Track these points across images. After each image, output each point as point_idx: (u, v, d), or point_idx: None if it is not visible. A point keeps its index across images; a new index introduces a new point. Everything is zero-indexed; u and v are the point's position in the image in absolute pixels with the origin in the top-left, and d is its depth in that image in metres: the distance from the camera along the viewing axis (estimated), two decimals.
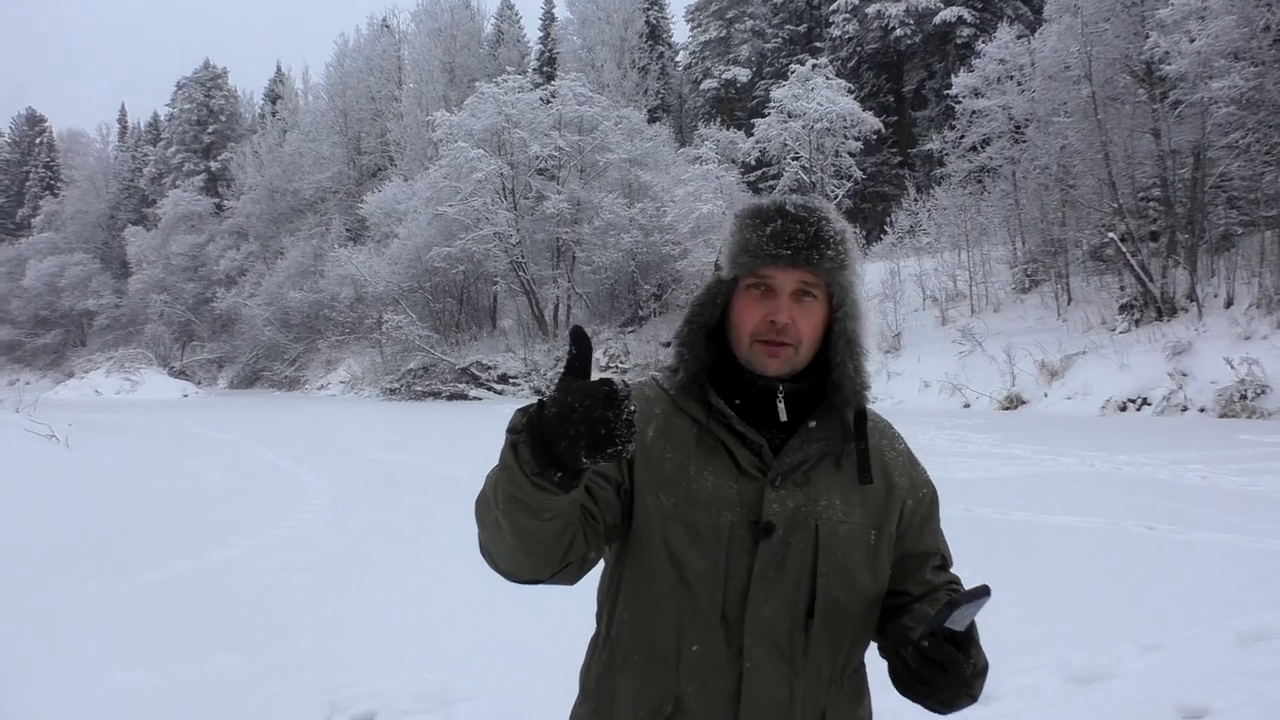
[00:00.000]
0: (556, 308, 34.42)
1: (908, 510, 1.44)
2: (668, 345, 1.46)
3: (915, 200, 27.85)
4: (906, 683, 1.30)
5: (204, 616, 5.30)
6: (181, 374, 49.19)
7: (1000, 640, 4.49)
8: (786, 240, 1.34)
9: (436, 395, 31.71)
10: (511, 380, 31.16)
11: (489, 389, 31.41)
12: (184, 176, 60.24)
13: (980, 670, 1.31)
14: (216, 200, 56.77)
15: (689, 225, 27.10)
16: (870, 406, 1.46)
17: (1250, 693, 3.78)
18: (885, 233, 29.27)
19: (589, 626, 1.49)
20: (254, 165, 52.07)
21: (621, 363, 29.78)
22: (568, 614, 2.24)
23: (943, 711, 1.32)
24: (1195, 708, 3.67)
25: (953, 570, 1.52)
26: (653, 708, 1.34)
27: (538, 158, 31.77)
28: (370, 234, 39.41)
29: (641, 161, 31.11)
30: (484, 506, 1.27)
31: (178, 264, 54.08)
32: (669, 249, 28.77)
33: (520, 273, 32.36)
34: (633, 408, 1.07)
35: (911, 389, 21.39)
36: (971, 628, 1.29)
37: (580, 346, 1.11)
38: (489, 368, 31.98)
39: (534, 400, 1.15)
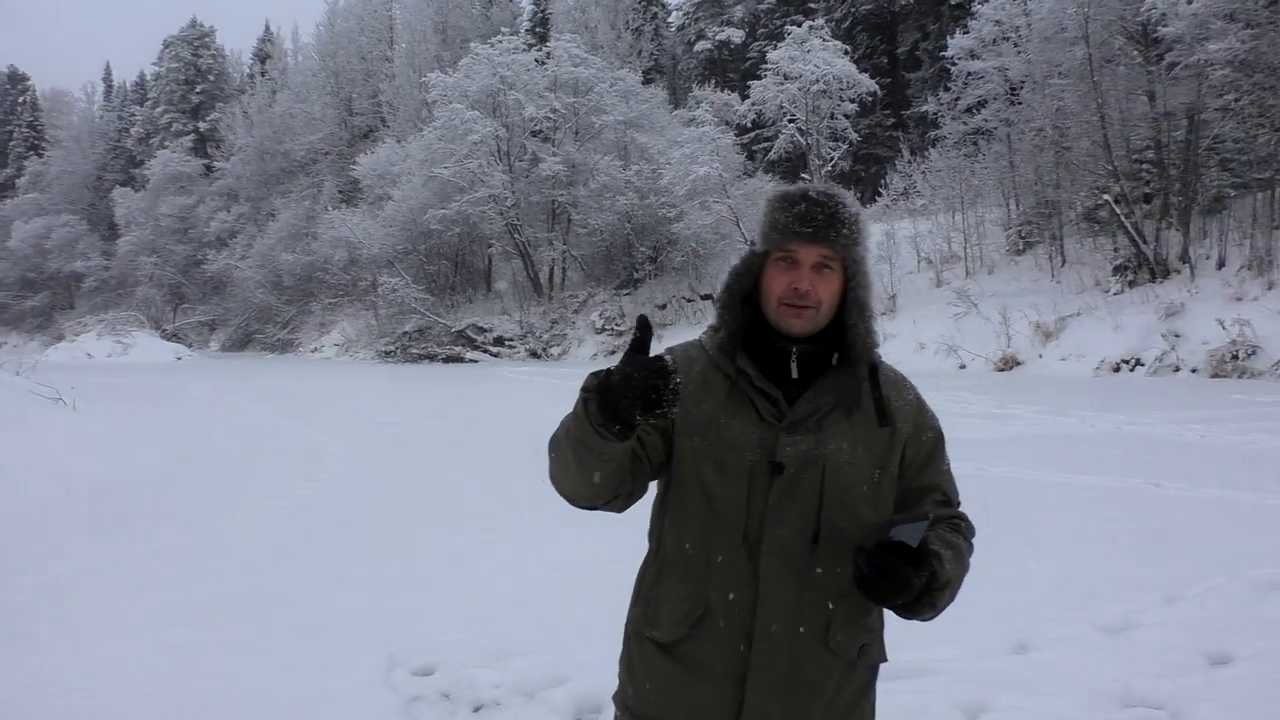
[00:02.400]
0: (552, 270, 34.33)
1: (910, 450, 1.66)
2: (708, 299, 1.71)
3: (909, 162, 27.81)
4: (860, 585, 1.49)
5: (249, 575, 5.37)
6: (174, 336, 48.78)
7: (1029, 593, 4.67)
8: (809, 220, 1.58)
9: (432, 358, 31.69)
10: (507, 343, 31.19)
11: (485, 351, 31.38)
12: (172, 137, 59.34)
13: (942, 584, 1.52)
14: (206, 161, 56.04)
15: (685, 187, 27.04)
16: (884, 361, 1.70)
17: (1272, 640, 3.96)
18: (879, 195, 29.25)
19: (633, 578, 1.74)
20: (244, 126, 51.42)
21: (617, 325, 29.83)
22: (616, 569, 2.33)
23: (905, 617, 1.54)
24: (1221, 654, 3.85)
25: (960, 509, 1.72)
26: (687, 610, 1.60)
27: (533, 120, 31.56)
28: (363, 196, 39.15)
29: (637, 124, 30.92)
30: (557, 446, 1.55)
31: (167, 225, 53.51)
32: (665, 211, 28.72)
33: (516, 235, 32.28)
34: (679, 379, 1.34)
35: (907, 350, 21.51)
36: (925, 545, 1.48)
37: (643, 330, 1.39)
38: (485, 330, 31.99)
39: (596, 370, 1.42)
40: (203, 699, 3.62)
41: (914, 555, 1.46)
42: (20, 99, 76.46)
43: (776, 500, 1.57)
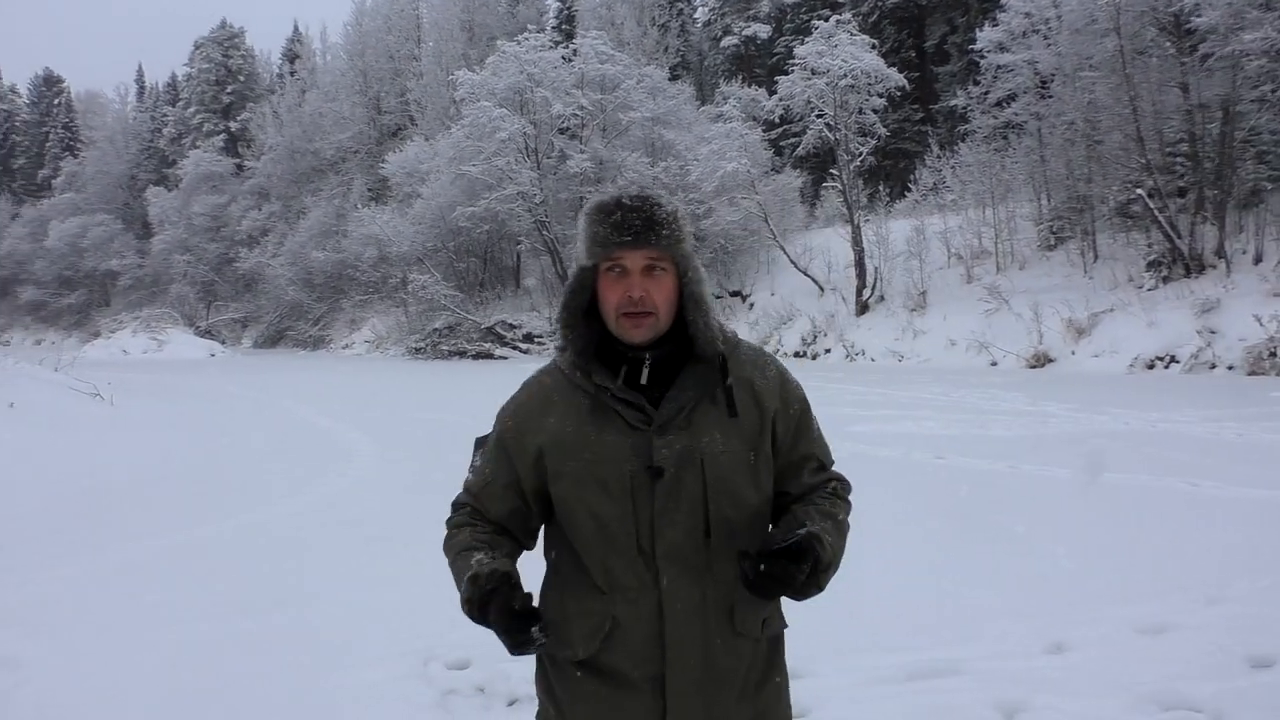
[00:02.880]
0: None
1: (780, 427, 1.69)
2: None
3: (939, 157, 27.55)
4: (749, 588, 1.53)
5: (282, 570, 5.42)
6: (207, 333, 49.35)
7: (1064, 592, 4.62)
8: (627, 226, 1.59)
9: (462, 354, 31.84)
10: (537, 340, 31.25)
11: (514, 348, 31.50)
12: (204, 137, 60.00)
13: (825, 565, 1.55)
14: (237, 161, 56.65)
15: (713, 184, 26.94)
16: (745, 339, 1.75)
17: None
18: (909, 190, 29.03)
19: None
20: (274, 125, 51.85)
21: None
22: None
23: (796, 599, 1.57)
24: (1263, 656, 3.76)
25: (833, 470, 1.77)
26: (596, 624, 1.62)
27: (560, 117, 31.54)
28: (392, 194, 39.33)
29: (664, 120, 30.83)
30: (447, 556, 1.69)
31: (200, 224, 54.11)
32: (693, 208, 28.61)
33: (544, 232, 32.30)
34: (541, 634, 1.53)
35: (938, 347, 21.40)
36: (807, 539, 1.51)
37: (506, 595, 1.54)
38: (514, 327, 32.07)
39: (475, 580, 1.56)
40: (246, 689, 3.67)
41: (796, 550, 1.50)
42: (56, 100, 77.71)
43: (662, 505, 1.59)
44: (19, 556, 5.80)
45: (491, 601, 1.51)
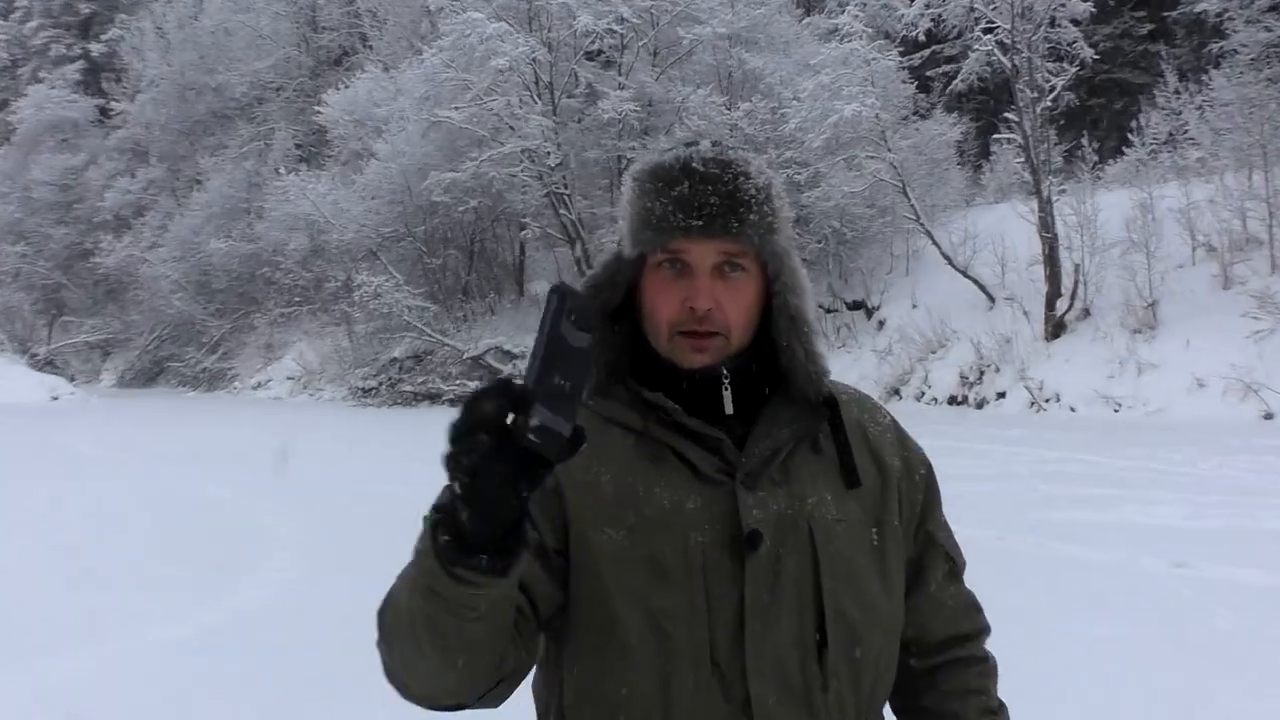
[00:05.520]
0: None
1: (905, 497, 1.74)
2: None
3: (1176, 93, 27.26)
4: None
5: None
6: (48, 364, 49.99)
7: None
8: (698, 205, 1.59)
9: (435, 398, 31.71)
10: None
11: None
12: (51, 65, 61.08)
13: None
14: (100, 102, 57.78)
15: (823, 136, 26.79)
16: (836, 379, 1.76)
17: None
18: (1128, 145, 28.73)
19: None
20: (157, 49, 52.48)
21: None
22: None
23: None
24: None
25: (966, 586, 1.84)
26: None
27: (588, 34, 31.61)
28: (332, 152, 39.64)
29: (747, 39, 30.73)
30: (393, 617, 1.47)
31: (42, 198, 55.29)
32: (792, 172, 28.52)
33: (562, 210, 32.24)
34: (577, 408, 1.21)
35: (1175, 389, 21.01)
36: None
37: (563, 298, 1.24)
38: (515, 356, 31.84)
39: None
40: None
41: None
42: None
43: (755, 594, 1.57)
44: None
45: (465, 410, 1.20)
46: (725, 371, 1.64)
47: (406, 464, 17.22)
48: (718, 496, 1.59)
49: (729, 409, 1.64)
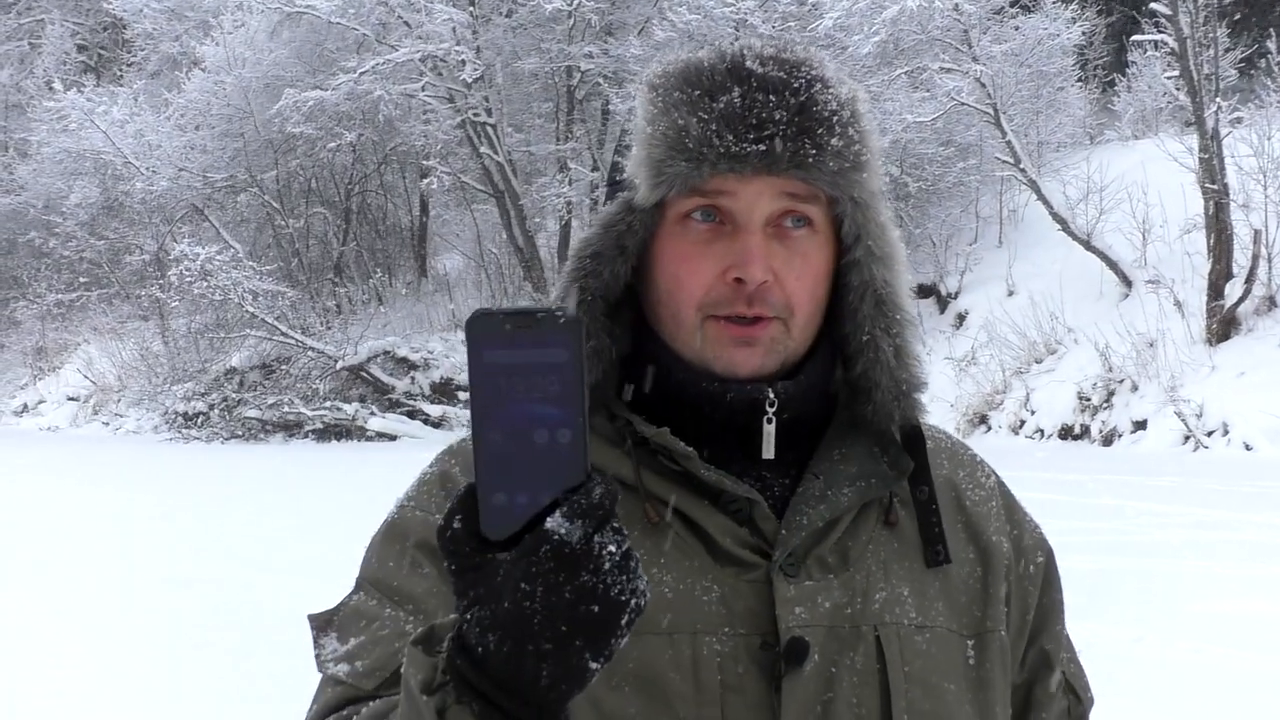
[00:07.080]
0: (565, 229, 33.43)
1: (1015, 597, 1.78)
2: None
3: None
4: None
5: None
6: None
7: None
8: (754, 124, 1.56)
9: (294, 429, 31.91)
10: (464, 394, 30.60)
11: (414, 414, 31.84)
12: None
13: None
14: None
15: (875, 39, 27.34)
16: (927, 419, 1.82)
17: None
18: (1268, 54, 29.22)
19: None
20: None
21: None
22: None
23: None
24: None
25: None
26: None
27: None
28: (134, 58, 40.45)
29: None
30: None
31: None
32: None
33: (484, 148, 32.29)
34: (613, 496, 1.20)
35: None
36: None
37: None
38: (412, 365, 32.32)
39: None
40: None
41: None
42: None
43: None
44: None
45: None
46: (773, 397, 1.62)
47: (242, 529, 17.33)
48: (744, 587, 1.60)
49: (768, 452, 1.63)
